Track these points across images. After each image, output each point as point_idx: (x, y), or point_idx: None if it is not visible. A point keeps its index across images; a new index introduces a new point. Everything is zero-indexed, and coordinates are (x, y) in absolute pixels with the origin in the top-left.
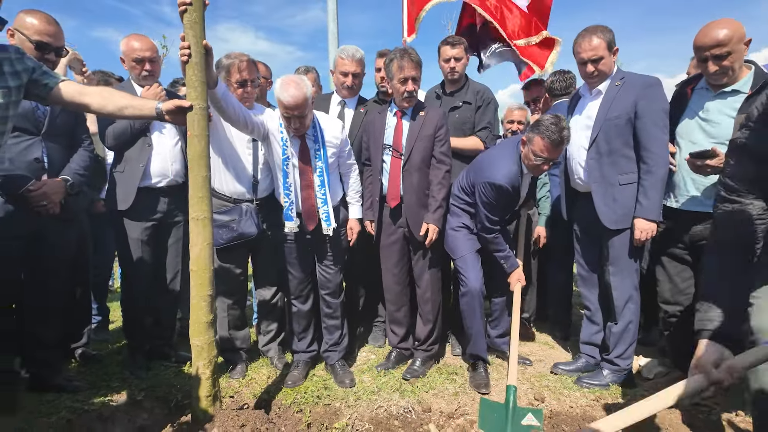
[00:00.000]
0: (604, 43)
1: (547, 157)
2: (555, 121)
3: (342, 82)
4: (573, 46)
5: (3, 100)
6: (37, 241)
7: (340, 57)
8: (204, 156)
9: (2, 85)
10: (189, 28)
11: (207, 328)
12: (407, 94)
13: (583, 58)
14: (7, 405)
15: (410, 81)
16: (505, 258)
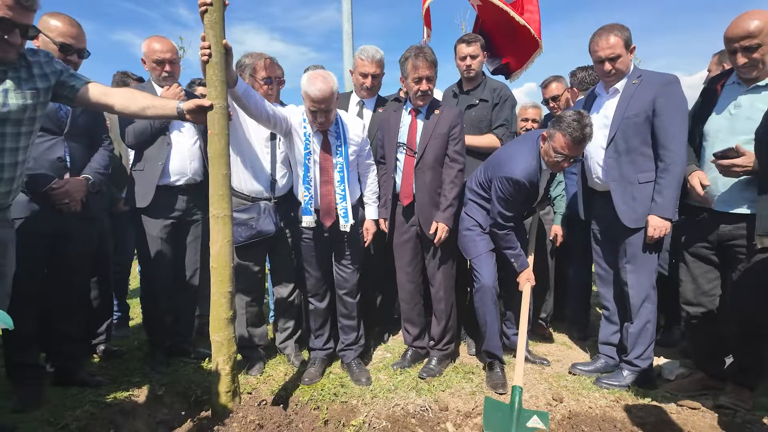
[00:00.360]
0: (621, 41)
1: (567, 155)
2: (577, 118)
3: (362, 83)
4: (589, 45)
5: (32, 102)
6: (60, 239)
7: (360, 58)
8: (224, 154)
9: (31, 86)
10: (209, 28)
11: (227, 325)
12: (421, 93)
13: (600, 57)
14: (34, 398)
15: (424, 80)
16: (516, 256)
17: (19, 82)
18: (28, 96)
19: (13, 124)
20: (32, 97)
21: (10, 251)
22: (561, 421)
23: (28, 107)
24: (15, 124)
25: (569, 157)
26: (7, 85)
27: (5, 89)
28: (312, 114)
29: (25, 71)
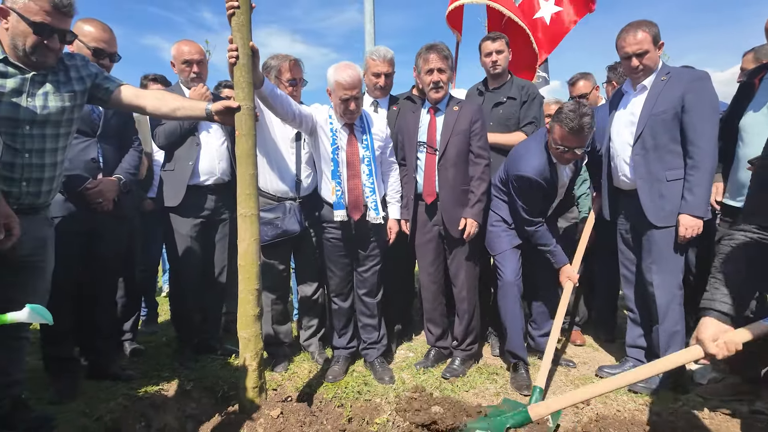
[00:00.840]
0: (649, 37)
1: (567, 146)
2: (574, 108)
3: (375, 83)
4: (616, 41)
5: (70, 104)
6: (94, 237)
7: (372, 59)
8: (251, 154)
9: (69, 89)
10: (237, 30)
11: (254, 321)
12: (433, 85)
13: (627, 53)
14: (70, 390)
15: (436, 71)
16: (551, 253)
17: (58, 85)
18: (66, 98)
19: (53, 125)
20: (70, 100)
21: (50, 248)
22: (588, 424)
23: (66, 109)
24: (54, 126)
25: (569, 148)
26: (47, 88)
27: (45, 92)
28: (344, 103)
29: (63, 75)
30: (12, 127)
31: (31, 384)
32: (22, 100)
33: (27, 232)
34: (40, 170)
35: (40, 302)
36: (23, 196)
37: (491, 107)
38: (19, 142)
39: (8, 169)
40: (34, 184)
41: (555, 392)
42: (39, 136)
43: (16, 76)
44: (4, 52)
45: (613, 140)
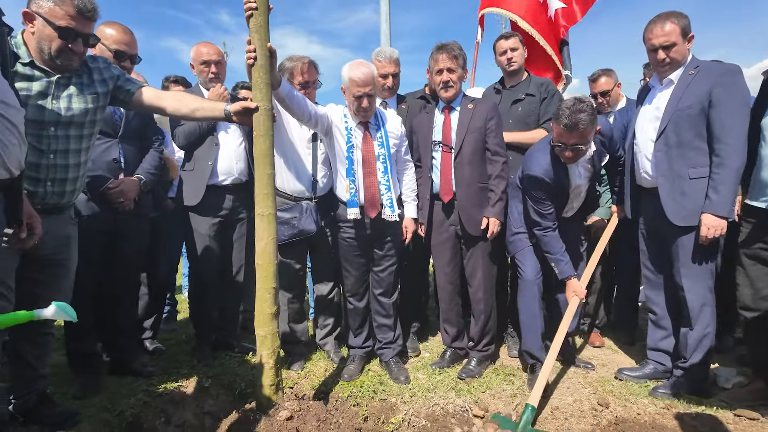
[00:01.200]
0: (678, 29)
1: (563, 143)
2: (570, 104)
3: (382, 84)
4: (644, 33)
5: (93, 105)
6: (116, 237)
7: (378, 60)
8: (269, 154)
9: (92, 91)
10: (255, 31)
11: (271, 319)
12: (442, 84)
13: (654, 45)
14: (93, 386)
15: (445, 71)
16: (556, 261)
17: (82, 88)
18: (89, 100)
19: (77, 126)
20: (93, 101)
21: (74, 247)
22: (607, 427)
23: (90, 111)
24: (78, 127)
25: (567, 146)
26: (71, 90)
27: (69, 94)
28: (357, 100)
29: (86, 77)
30: (37, 129)
31: (55, 379)
32: (47, 102)
33: (51, 231)
34: (65, 170)
35: (65, 300)
36: (48, 196)
37: (510, 105)
38: (45, 143)
39: (34, 170)
40: (58, 184)
41: (573, 394)
42: (63, 137)
43: (41, 79)
44: (30, 55)
45: (637, 136)
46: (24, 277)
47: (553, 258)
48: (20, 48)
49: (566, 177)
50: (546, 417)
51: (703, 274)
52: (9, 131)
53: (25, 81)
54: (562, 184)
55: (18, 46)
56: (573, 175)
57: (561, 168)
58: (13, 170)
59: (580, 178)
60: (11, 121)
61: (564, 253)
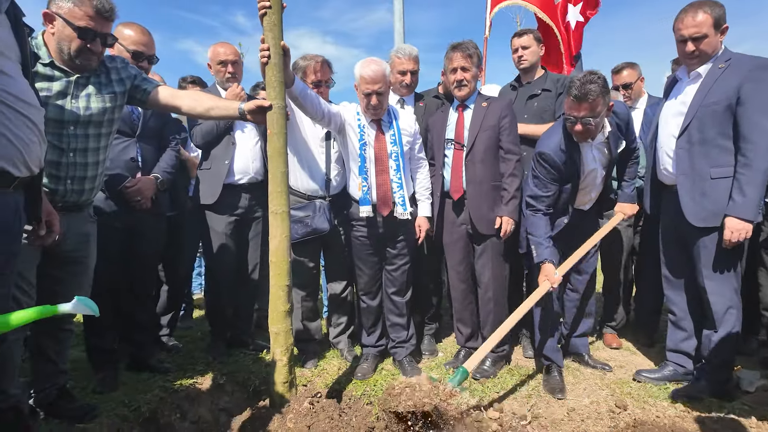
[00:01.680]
0: (710, 20)
1: (574, 116)
2: (581, 76)
3: (400, 80)
4: (674, 22)
5: (111, 105)
6: (134, 235)
7: (397, 56)
8: (282, 153)
9: (110, 91)
10: (268, 30)
11: (285, 317)
12: (456, 83)
13: (683, 36)
14: (111, 381)
15: (459, 70)
16: (536, 244)
17: (100, 87)
18: (107, 99)
19: (95, 125)
20: (111, 101)
21: (93, 244)
22: (625, 430)
23: (108, 110)
24: (97, 126)
25: (577, 119)
26: (90, 90)
27: (88, 94)
28: (367, 97)
29: (104, 77)
30: (57, 128)
31: (75, 374)
32: (66, 102)
33: (71, 228)
34: (84, 169)
35: (85, 295)
36: (68, 193)
37: (525, 100)
38: (64, 142)
39: (54, 168)
40: (77, 182)
41: (590, 395)
42: (82, 135)
43: (61, 79)
44: (51, 56)
45: (660, 131)
46: (44, 274)
47: (534, 240)
48: (41, 49)
49: (579, 158)
50: (562, 419)
51: (728, 276)
52: (30, 130)
53: (45, 81)
54: (575, 165)
55: (38, 47)
56: (586, 158)
57: (574, 148)
58: (33, 168)
59: (594, 162)
60: (32, 120)
61: (548, 239)
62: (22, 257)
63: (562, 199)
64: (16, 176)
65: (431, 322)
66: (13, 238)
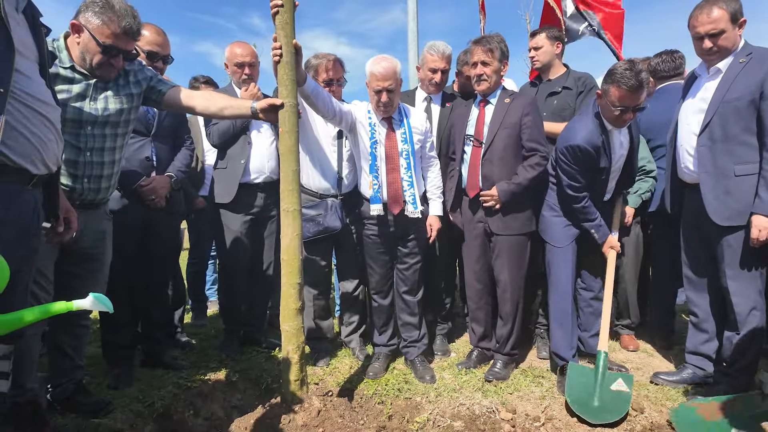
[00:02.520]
0: (726, 15)
1: (626, 105)
2: (629, 66)
3: (430, 78)
4: (689, 19)
5: (128, 106)
6: (148, 232)
7: (429, 53)
8: (294, 151)
9: (127, 92)
10: (280, 28)
11: (296, 315)
12: (476, 78)
13: (699, 33)
14: (126, 377)
15: (479, 65)
16: (596, 227)
17: (117, 89)
18: (124, 101)
19: (112, 126)
20: (128, 102)
21: (109, 241)
22: None
23: (125, 111)
24: (113, 126)
25: (629, 108)
26: (108, 92)
27: (106, 95)
28: (377, 95)
29: (122, 79)
30: (76, 128)
31: (91, 370)
32: (85, 103)
33: (88, 226)
34: (100, 167)
35: (100, 292)
36: (85, 192)
37: (545, 97)
38: (82, 141)
39: (72, 167)
40: (94, 181)
41: None
42: (100, 135)
43: (81, 82)
44: (72, 60)
45: (680, 128)
46: (61, 271)
47: (592, 225)
48: (62, 52)
49: (608, 146)
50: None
51: (753, 277)
52: (47, 128)
53: (65, 83)
54: (606, 152)
55: (60, 50)
56: (615, 145)
57: (605, 136)
58: (51, 166)
59: (621, 147)
60: (49, 119)
61: (601, 219)
62: (41, 254)
63: (594, 191)
64: (34, 174)
65: (444, 321)
66: (32, 236)
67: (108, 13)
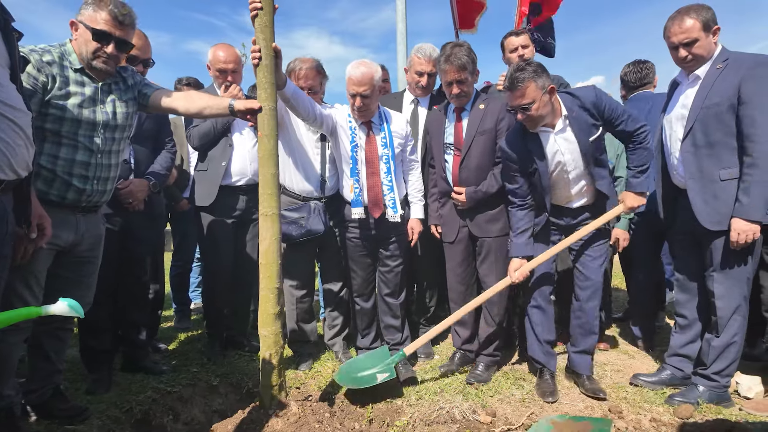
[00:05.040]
0: (698, 24)
1: (512, 106)
2: (513, 66)
3: (417, 81)
4: (663, 31)
5: (131, 110)
6: (127, 235)
7: (417, 56)
8: (273, 154)
9: (128, 96)
10: (260, 31)
11: (274, 319)
12: (454, 96)
13: (673, 42)
14: (105, 382)
15: (455, 84)
16: (510, 241)
17: (120, 94)
18: (129, 105)
19: (120, 129)
20: (131, 106)
21: (102, 245)
22: None
23: (129, 114)
24: (121, 130)
25: (513, 108)
26: (114, 96)
27: (113, 99)
28: (352, 99)
29: (122, 84)
30: (90, 131)
31: (68, 375)
32: (98, 107)
33: (89, 230)
34: (108, 169)
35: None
36: (94, 193)
37: None
38: (95, 144)
39: (84, 168)
40: (102, 183)
41: (584, 401)
42: (110, 138)
43: (90, 85)
44: (81, 62)
45: (667, 135)
46: (56, 275)
47: (512, 234)
48: (71, 55)
49: (539, 148)
50: None
51: (737, 282)
52: (16, 134)
53: (77, 86)
54: (532, 156)
55: (69, 53)
56: (548, 149)
57: (531, 138)
58: (20, 171)
59: (561, 154)
60: (18, 124)
61: (522, 234)
62: (38, 259)
63: (538, 194)
64: (2, 179)
65: (428, 324)
66: (2, 243)
67: (98, 3)
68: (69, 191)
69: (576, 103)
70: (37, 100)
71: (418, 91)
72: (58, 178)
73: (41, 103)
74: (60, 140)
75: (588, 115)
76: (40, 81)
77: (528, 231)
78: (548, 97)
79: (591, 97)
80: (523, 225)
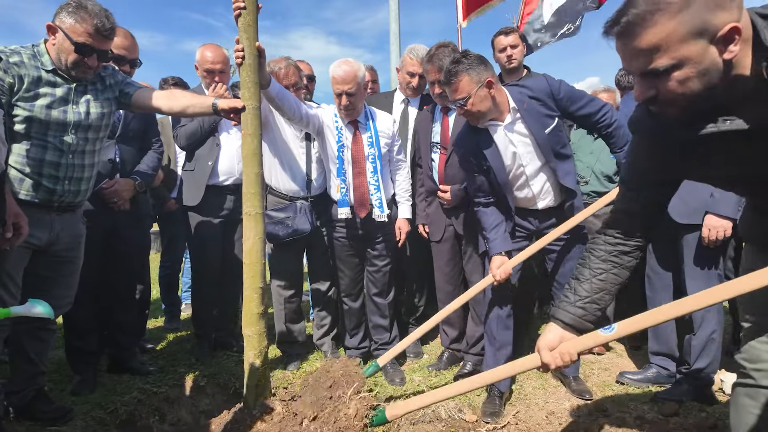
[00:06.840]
0: None
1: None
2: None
3: (408, 81)
4: None
5: (107, 110)
6: (113, 236)
7: (409, 57)
8: (257, 154)
9: (105, 97)
10: (243, 31)
11: (258, 319)
12: (437, 95)
13: None
14: (90, 383)
15: (437, 85)
16: (486, 239)
17: (96, 94)
18: (104, 105)
19: (94, 130)
20: (107, 106)
21: (83, 245)
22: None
23: (105, 115)
24: (95, 130)
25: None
26: (88, 96)
27: (87, 99)
28: (338, 98)
29: (99, 84)
30: (60, 131)
31: (53, 376)
32: (69, 107)
33: (66, 229)
34: (81, 170)
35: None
36: (65, 194)
37: None
38: (65, 144)
39: (54, 168)
40: (74, 183)
41: (570, 399)
42: (82, 139)
43: (63, 85)
44: (53, 63)
45: None
46: (35, 274)
47: (484, 234)
48: (44, 56)
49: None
50: (540, 422)
51: (709, 277)
52: None
53: (49, 87)
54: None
55: (41, 54)
56: (500, 144)
57: (481, 135)
58: None
59: (514, 147)
60: None
61: (496, 230)
62: (13, 258)
63: (499, 195)
64: None
65: (417, 324)
66: None
67: (80, 13)
68: (39, 191)
69: (526, 94)
70: (5, 101)
71: (409, 91)
72: (27, 178)
73: (8, 104)
74: (29, 140)
75: (541, 105)
76: (6, 82)
77: (501, 225)
78: (486, 91)
79: (542, 85)
80: (495, 220)
